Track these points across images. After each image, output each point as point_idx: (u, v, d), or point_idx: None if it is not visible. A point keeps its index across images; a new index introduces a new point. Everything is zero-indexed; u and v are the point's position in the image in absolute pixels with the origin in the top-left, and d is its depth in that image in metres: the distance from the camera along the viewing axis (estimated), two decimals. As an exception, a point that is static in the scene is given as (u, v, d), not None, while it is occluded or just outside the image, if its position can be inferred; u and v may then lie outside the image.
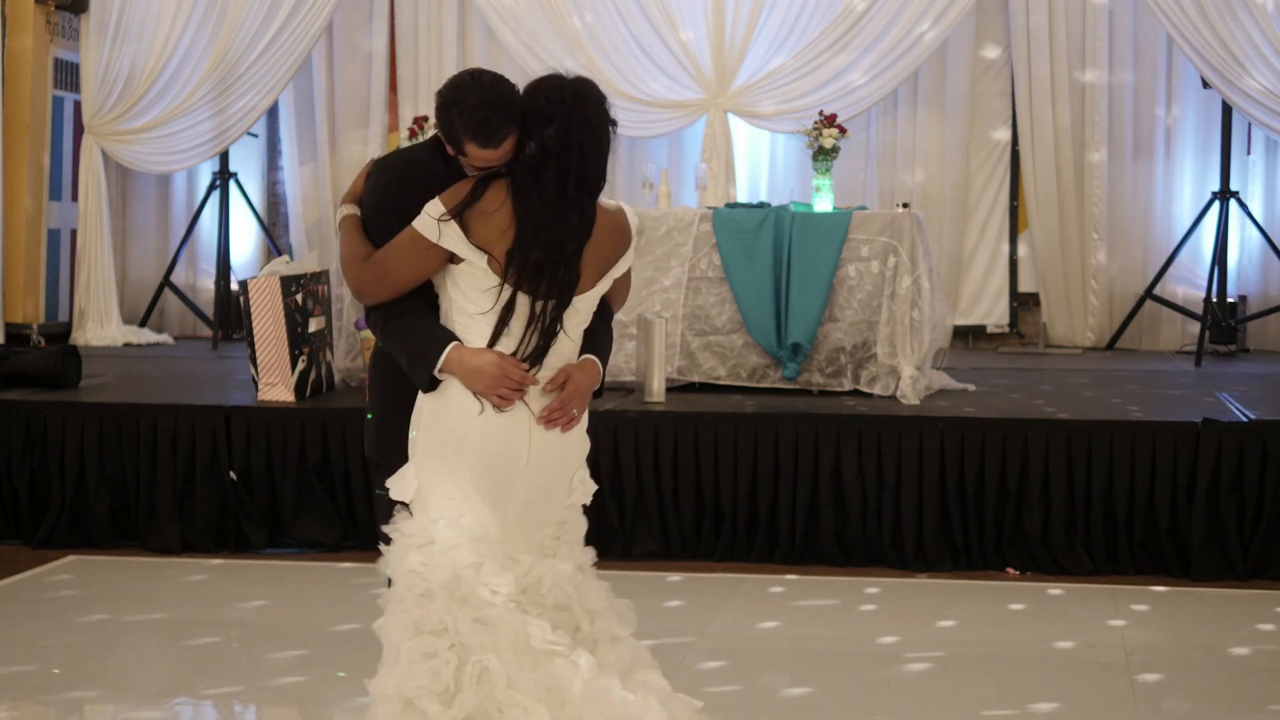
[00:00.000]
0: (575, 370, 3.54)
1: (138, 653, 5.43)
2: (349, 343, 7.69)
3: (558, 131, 3.42)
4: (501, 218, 3.44)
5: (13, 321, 9.86)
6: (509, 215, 3.43)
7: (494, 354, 3.46)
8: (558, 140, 3.41)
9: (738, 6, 9.75)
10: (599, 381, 3.62)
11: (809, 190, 7.92)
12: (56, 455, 7.00)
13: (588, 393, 3.57)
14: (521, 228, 3.42)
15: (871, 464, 6.65)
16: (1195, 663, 5.35)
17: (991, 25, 10.22)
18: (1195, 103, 10.01)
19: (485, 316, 3.47)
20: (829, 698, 4.93)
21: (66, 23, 10.22)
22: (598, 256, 3.51)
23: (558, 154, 3.42)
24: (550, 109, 3.43)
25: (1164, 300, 9.89)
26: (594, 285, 3.53)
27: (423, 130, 8.00)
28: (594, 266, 3.51)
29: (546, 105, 3.44)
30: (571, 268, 3.45)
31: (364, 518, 6.92)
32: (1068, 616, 5.91)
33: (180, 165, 10.44)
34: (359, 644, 5.51)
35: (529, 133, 3.43)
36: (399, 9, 10.60)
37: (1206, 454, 6.45)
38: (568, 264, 3.44)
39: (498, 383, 3.44)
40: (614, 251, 3.55)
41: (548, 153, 3.42)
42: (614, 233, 3.54)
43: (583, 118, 3.44)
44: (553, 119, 3.42)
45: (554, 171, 3.42)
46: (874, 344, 7.43)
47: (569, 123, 3.42)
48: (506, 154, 3.47)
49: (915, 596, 6.21)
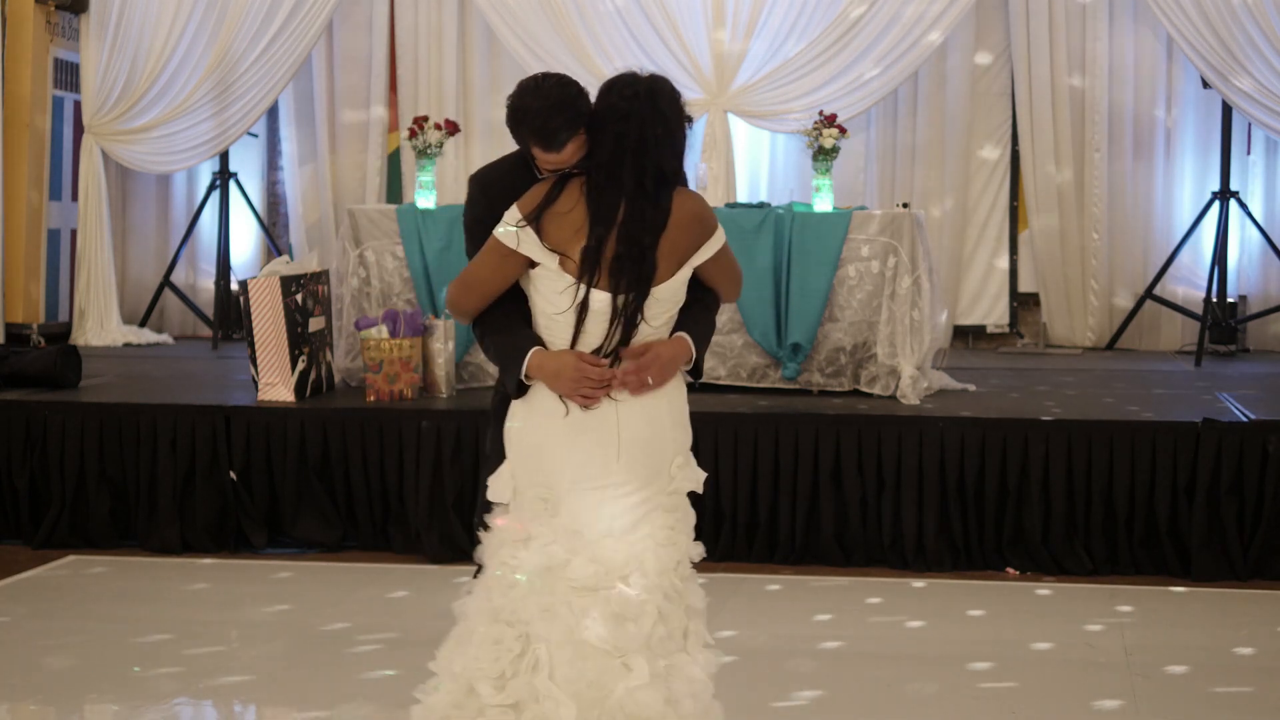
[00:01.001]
0: (659, 344, 3.55)
1: (137, 653, 5.43)
2: (349, 343, 7.69)
3: (634, 127, 3.48)
4: (575, 217, 3.48)
5: (13, 321, 9.86)
6: (583, 214, 3.48)
7: (573, 355, 3.50)
8: (634, 136, 3.47)
9: (738, 6, 9.75)
10: (688, 357, 3.60)
11: (809, 190, 7.92)
12: (56, 455, 7.01)
13: (669, 364, 3.55)
14: (594, 225, 3.47)
15: (871, 464, 6.65)
16: (1195, 663, 5.35)
17: (991, 25, 10.22)
18: (1195, 103, 10.01)
19: (564, 316, 3.51)
20: (829, 698, 4.93)
21: (66, 23, 10.22)
22: (675, 246, 3.52)
23: (634, 149, 3.47)
24: (625, 106, 3.50)
25: (1164, 300, 9.88)
26: (672, 275, 3.53)
27: (423, 130, 7.98)
28: (672, 256, 3.52)
29: (621, 103, 3.51)
30: (649, 260, 3.48)
31: (364, 517, 6.92)
32: (1068, 616, 5.90)
33: (180, 165, 10.43)
34: (360, 644, 5.52)
35: (605, 130, 3.50)
36: (399, 9, 10.59)
37: (1206, 454, 6.45)
38: (645, 257, 3.47)
39: (578, 384, 3.49)
40: (692, 239, 3.55)
41: (624, 149, 3.48)
42: (691, 221, 3.55)
43: (657, 112, 3.50)
44: (628, 116, 3.49)
45: (631, 167, 3.47)
46: (874, 344, 7.43)
47: (644, 118, 3.49)
48: (573, 155, 3.53)
49: (915, 596, 6.21)
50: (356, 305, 7.72)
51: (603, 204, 3.47)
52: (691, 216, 3.54)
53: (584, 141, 3.52)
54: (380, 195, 10.66)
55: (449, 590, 6.25)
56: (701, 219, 3.56)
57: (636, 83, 3.53)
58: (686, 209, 3.54)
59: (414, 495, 6.81)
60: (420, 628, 5.66)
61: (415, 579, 6.45)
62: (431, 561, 6.70)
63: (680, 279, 3.54)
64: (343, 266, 7.76)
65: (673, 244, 3.51)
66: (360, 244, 7.76)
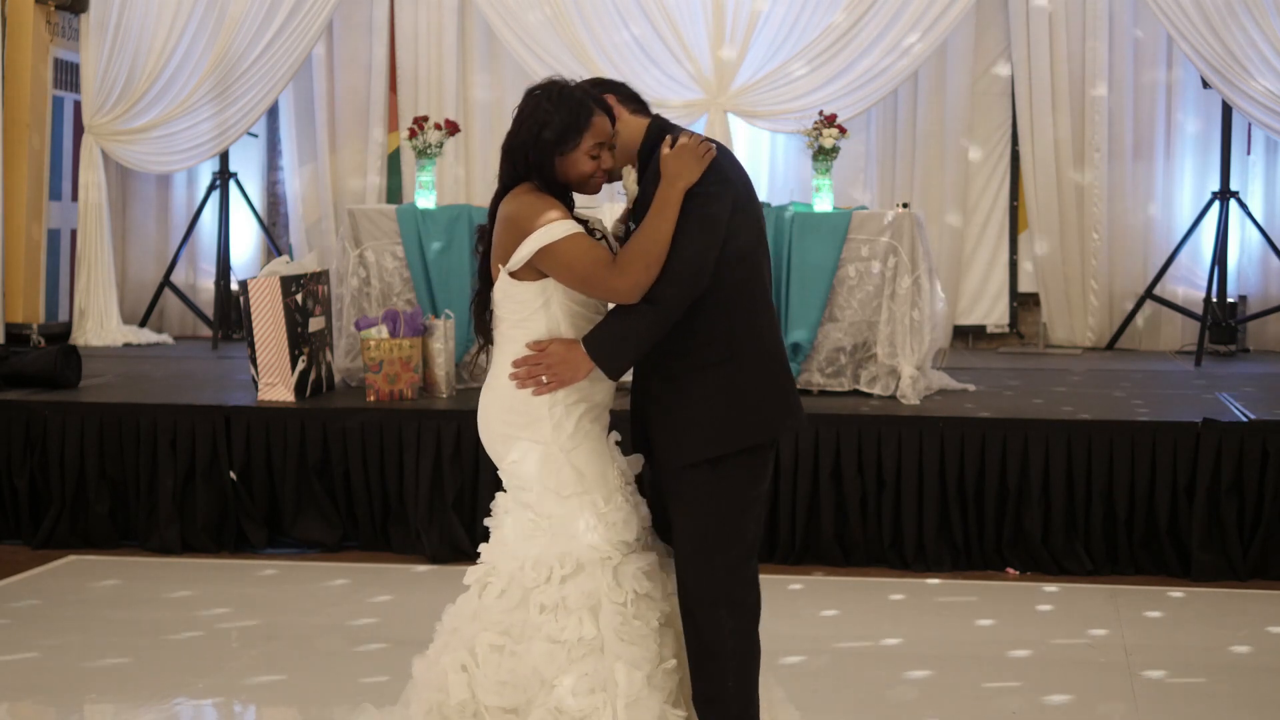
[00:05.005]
0: (555, 341, 3.59)
1: (137, 653, 5.43)
2: (349, 343, 7.69)
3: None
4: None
5: (13, 321, 9.86)
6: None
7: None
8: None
9: (738, 6, 9.75)
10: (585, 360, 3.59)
11: (809, 190, 7.92)
12: (56, 455, 7.01)
13: (561, 363, 3.56)
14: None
15: (871, 464, 6.65)
16: (1195, 663, 5.35)
17: (991, 26, 10.22)
18: (1195, 103, 10.02)
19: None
20: (829, 698, 4.93)
21: (66, 23, 10.22)
22: (499, 247, 3.60)
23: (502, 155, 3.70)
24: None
25: (1164, 300, 9.89)
26: (498, 276, 3.61)
27: (423, 130, 7.98)
28: (498, 259, 3.61)
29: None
30: (484, 263, 3.67)
31: (364, 517, 6.92)
32: (1067, 616, 5.91)
33: (180, 165, 10.43)
34: (360, 645, 5.52)
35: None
36: (399, 9, 10.60)
37: (1206, 454, 6.45)
38: (484, 258, 3.68)
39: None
40: (507, 241, 3.57)
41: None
42: (502, 222, 3.60)
43: (517, 117, 3.65)
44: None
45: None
46: (874, 344, 7.44)
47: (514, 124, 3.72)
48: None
49: (915, 596, 6.21)
50: (356, 305, 7.72)
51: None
52: (502, 219, 3.60)
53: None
54: (380, 195, 10.66)
55: (449, 590, 6.26)
56: (511, 221, 3.57)
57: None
58: (502, 212, 3.61)
59: (414, 495, 6.81)
60: (420, 628, 5.66)
61: (415, 579, 6.45)
62: (431, 561, 6.71)
63: (505, 280, 3.58)
64: (343, 266, 7.76)
65: (498, 245, 3.60)
66: (360, 244, 7.76)
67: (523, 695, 3.52)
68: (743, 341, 3.60)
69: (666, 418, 3.61)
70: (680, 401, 3.60)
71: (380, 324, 7.20)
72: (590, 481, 3.60)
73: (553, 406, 3.58)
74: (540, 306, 3.57)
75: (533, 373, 3.56)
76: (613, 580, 3.54)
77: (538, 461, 3.58)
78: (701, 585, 3.57)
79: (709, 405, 3.57)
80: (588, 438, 3.62)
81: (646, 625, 3.57)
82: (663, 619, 3.62)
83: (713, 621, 3.56)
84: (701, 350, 3.58)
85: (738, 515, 3.61)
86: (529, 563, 3.56)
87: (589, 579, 3.54)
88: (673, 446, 3.60)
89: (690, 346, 3.58)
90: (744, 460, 3.60)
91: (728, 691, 3.58)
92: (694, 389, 3.59)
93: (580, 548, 3.56)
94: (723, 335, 3.58)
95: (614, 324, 3.56)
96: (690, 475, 3.59)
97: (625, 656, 3.51)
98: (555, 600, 3.52)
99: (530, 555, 3.56)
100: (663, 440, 3.63)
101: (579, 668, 3.50)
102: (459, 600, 3.71)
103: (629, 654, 3.51)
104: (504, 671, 3.54)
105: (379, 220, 7.80)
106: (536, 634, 3.52)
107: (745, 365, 3.60)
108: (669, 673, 3.59)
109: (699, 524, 3.58)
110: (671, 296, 3.49)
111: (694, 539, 3.59)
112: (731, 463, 3.59)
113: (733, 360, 3.59)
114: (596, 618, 3.52)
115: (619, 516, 3.60)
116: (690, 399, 3.59)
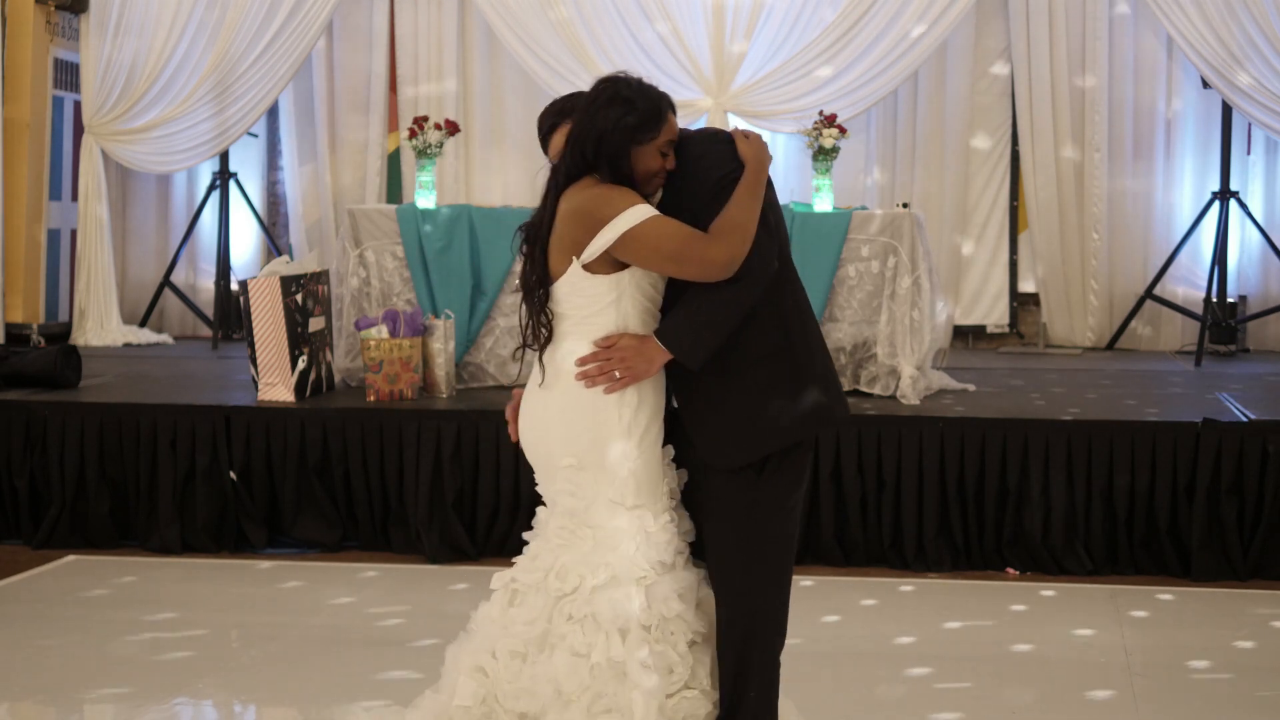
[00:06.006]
0: (625, 336, 3.48)
1: (138, 653, 5.43)
2: (349, 343, 7.69)
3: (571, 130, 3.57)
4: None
5: (13, 321, 9.86)
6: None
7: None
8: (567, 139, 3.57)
9: (738, 6, 9.75)
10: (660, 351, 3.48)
11: (809, 190, 7.92)
12: (56, 455, 7.01)
13: (636, 357, 3.44)
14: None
15: (871, 464, 6.65)
16: (1195, 662, 5.35)
17: (991, 25, 10.22)
18: (1195, 103, 10.01)
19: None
20: (829, 698, 4.93)
21: (66, 23, 10.22)
22: (561, 241, 3.48)
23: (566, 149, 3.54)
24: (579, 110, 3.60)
25: (1164, 300, 9.89)
26: (566, 269, 3.47)
27: (423, 130, 7.97)
28: (560, 252, 3.48)
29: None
30: (536, 258, 3.51)
31: (364, 517, 6.92)
32: (1067, 617, 5.91)
33: (180, 165, 10.43)
34: (360, 645, 5.52)
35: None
36: (399, 9, 10.59)
37: (1206, 454, 6.45)
38: (532, 255, 3.52)
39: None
40: (577, 233, 3.46)
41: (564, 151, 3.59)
42: (566, 217, 3.47)
43: (580, 114, 3.54)
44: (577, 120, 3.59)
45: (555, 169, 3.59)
46: (874, 344, 7.44)
47: (576, 122, 3.56)
48: (556, 154, 3.63)
49: (915, 596, 6.21)
50: (356, 305, 7.72)
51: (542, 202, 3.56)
52: (569, 213, 3.47)
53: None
54: (380, 195, 10.66)
55: (449, 590, 6.27)
56: (583, 213, 3.45)
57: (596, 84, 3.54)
58: (566, 207, 3.48)
59: (414, 495, 6.81)
60: (420, 628, 5.67)
61: (415, 579, 6.45)
62: (431, 561, 6.70)
63: (576, 274, 3.46)
64: (343, 266, 7.76)
65: (566, 239, 3.46)
66: (360, 244, 7.76)
67: (538, 704, 3.45)
68: (795, 332, 3.51)
69: (715, 415, 3.48)
70: (731, 398, 3.47)
71: (380, 324, 7.20)
72: (646, 495, 3.48)
73: (622, 407, 3.46)
74: (612, 301, 3.46)
75: (604, 369, 3.43)
76: (644, 601, 3.42)
77: (618, 460, 3.47)
78: (743, 599, 3.47)
79: (764, 398, 3.46)
80: (654, 446, 3.50)
81: (674, 650, 3.45)
82: (697, 638, 3.50)
83: (748, 633, 3.47)
84: (756, 341, 3.47)
85: (783, 520, 3.51)
86: (557, 570, 3.47)
87: (622, 595, 3.42)
88: (729, 442, 3.47)
89: (744, 338, 3.47)
90: (793, 458, 3.51)
91: (749, 701, 3.52)
92: (749, 381, 3.47)
93: (619, 561, 3.44)
94: (776, 325, 3.49)
95: (689, 312, 3.45)
96: (738, 479, 3.47)
97: (644, 685, 3.39)
98: (584, 612, 3.42)
99: (562, 561, 3.47)
100: (709, 438, 3.50)
101: (598, 688, 3.41)
102: (487, 603, 3.60)
103: (648, 683, 3.39)
104: (524, 679, 3.46)
105: (379, 220, 7.80)
106: (561, 643, 3.43)
107: (798, 355, 3.50)
108: (688, 700, 3.48)
109: (742, 530, 3.47)
110: (757, 275, 3.41)
111: (739, 547, 3.48)
112: (777, 461, 3.48)
113: (789, 350, 3.49)
114: (625, 641, 3.40)
115: (664, 537, 3.47)
116: (747, 391, 3.47)
